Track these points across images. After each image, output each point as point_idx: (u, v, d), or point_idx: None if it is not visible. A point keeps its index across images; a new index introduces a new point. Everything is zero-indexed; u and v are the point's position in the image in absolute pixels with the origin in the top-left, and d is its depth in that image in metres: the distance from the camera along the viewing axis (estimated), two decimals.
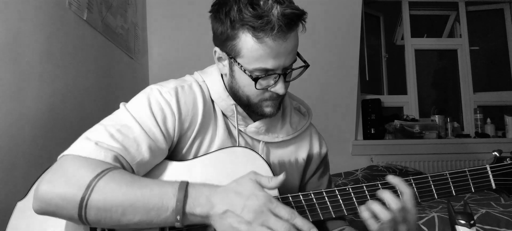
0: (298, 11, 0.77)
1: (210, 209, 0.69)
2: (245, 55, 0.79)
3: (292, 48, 0.80)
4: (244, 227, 0.67)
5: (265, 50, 0.77)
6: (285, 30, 0.75)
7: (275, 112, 0.88)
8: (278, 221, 0.67)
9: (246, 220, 0.67)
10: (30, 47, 1.18)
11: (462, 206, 1.24)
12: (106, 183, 0.68)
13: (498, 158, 0.84)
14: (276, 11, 0.74)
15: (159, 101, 0.83)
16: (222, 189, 0.72)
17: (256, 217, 0.67)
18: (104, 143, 0.74)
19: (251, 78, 0.80)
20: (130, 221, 0.69)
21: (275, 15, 0.74)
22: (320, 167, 1.04)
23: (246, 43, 0.78)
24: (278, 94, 0.84)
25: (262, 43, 0.76)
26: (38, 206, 0.69)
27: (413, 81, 3.08)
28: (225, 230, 0.69)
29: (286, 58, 0.80)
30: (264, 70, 0.80)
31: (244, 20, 0.76)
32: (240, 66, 0.81)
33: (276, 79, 0.82)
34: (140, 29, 2.31)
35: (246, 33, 0.77)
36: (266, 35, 0.75)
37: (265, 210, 0.68)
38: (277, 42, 0.76)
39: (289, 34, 0.78)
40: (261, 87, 0.82)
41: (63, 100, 1.37)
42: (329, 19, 2.51)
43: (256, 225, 0.67)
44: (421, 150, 2.78)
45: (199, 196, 0.70)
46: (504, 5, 3.16)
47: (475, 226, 0.79)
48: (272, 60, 0.78)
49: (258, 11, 0.75)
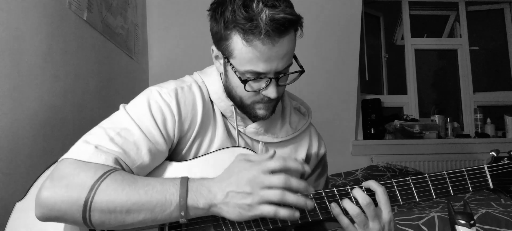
0: (291, 16, 0.75)
1: (213, 199, 0.71)
2: (236, 56, 0.79)
3: (285, 53, 0.79)
4: (248, 199, 0.69)
5: (254, 53, 0.77)
6: (272, 35, 0.74)
7: (268, 115, 0.88)
8: (272, 176, 0.70)
9: (246, 192, 0.69)
10: (30, 47, 1.18)
11: (462, 206, 1.25)
12: (109, 184, 0.69)
13: (495, 158, 0.84)
14: (264, 15, 0.73)
15: (159, 103, 0.83)
16: (217, 178, 0.73)
17: (253, 185, 0.70)
18: (104, 146, 0.74)
19: (241, 80, 0.80)
20: (134, 220, 0.69)
21: (263, 20, 0.73)
22: (318, 167, 1.04)
23: (237, 45, 0.78)
24: (269, 98, 0.83)
25: (251, 46, 0.76)
26: (41, 213, 0.69)
27: (413, 81, 3.08)
28: (233, 211, 0.70)
29: (279, 63, 0.79)
30: (255, 73, 0.79)
31: (236, 21, 0.76)
32: (232, 67, 0.81)
33: (267, 83, 0.81)
34: (140, 29, 2.31)
35: (237, 35, 0.77)
36: (255, 38, 0.75)
37: (258, 174, 0.70)
38: (266, 46, 0.76)
39: (280, 39, 0.76)
40: (252, 90, 0.82)
41: (63, 100, 1.37)
42: (329, 19, 2.51)
43: (257, 191, 0.69)
44: (421, 150, 2.78)
45: (200, 189, 0.71)
46: (504, 5, 3.16)
47: (475, 226, 0.79)
48: (262, 64, 0.78)
49: (249, 13, 0.74)
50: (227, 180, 0.72)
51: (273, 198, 0.70)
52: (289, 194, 0.70)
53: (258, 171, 0.71)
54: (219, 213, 0.72)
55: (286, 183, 0.70)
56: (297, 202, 0.71)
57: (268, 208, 0.70)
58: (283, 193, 0.70)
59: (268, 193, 0.70)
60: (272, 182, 0.70)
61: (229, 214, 0.71)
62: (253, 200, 0.69)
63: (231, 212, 0.71)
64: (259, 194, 0.69)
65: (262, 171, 0.71)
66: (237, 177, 0.71)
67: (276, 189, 0.70)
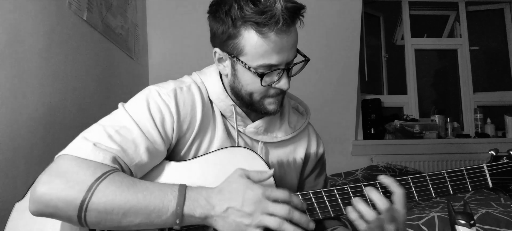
0: (297, 4, 0.78)
1: (210, 210, 0.71)
2: (248, 52, 0.79)
3: (294, 42, 0.81)
4: (247, 220, 0.71)
5: (269, 45, 0.78)
6: (289, 23, 0.77)
7: (278, 109, 0.88)
8: (276, 205, 0.72)
9: (247, 212, 0.70)
10: (30, 47, 1.18)
11: (462, 206, 1.25)
12: (107, 185, 0.68)
13: (494, 157, 0.84)
14: (279, 4, 0.75)
15: (158, 103, 0.83)
16: (217, 190, 0.74)
17: (256, 208, 0.71)
18: (102, 144, 0.74)
19: (257, 75, 0.81)
20: (130, 223, 0.70)
21: (279, 9, 0.75)
22: (316, 167, 1.04)
23: (250, 40, 0.78)
24: (281, 90, 0.84)
25: (266, 38, 0.77)
26: (35, 208, 0.68)
27: (413, 81, 3.08)
28: (228, 227, 0.71)
29: (289, 53, 0.81)
30: (268, 66, 0.80)
31: (246, 17, 0.76)
32: (243, 64, 0.81)
33: (280, 75, 0.82)
34: (140, 29, 2.31)
35: (249, 29, 0.78)
36: (270, 29, 0.76)
37: (263, 199, 0.72)
38: (280, 36, 0.77)
39: (292, 27, 0.79)
40: (266, 84, 0.83)
41: (63, 100, 1.37)
42: (329, 19, 2.52)
43: (257, 215, 0.71)
44: (421, 150, 2.78)
45: (198, 198, 0.72)
46: (504, 5, 3.16)
47: (475, 226, 0.79)
48: (276, 56, 0.79)
49: (260, 7, 0.76)
50: (229, 194, 0.72)
51: (271, 225, 0.71)
52: (287, 224, 0.71)
53: (264, 195, 0.72)
54: (213, 225, 0.73)
55: (289, 214, 0.72)
56: None
57: None
58: (282, 223, 0.71)
59: (268, 219, 0.71)
60: (275, 211, 0.71)
61: (224, 228, 0.72)
62: (252, 221, 0.71)
63: (226, 228, 0.72)
64: (258, 218, 0.71)
65: (268, 197, 0.72)
66: (243, 195, 0.71)
67: (276, 217, 0.71)
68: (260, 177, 0.76)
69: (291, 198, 0.74)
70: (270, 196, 0.72)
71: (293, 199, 0.74)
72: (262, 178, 0.76)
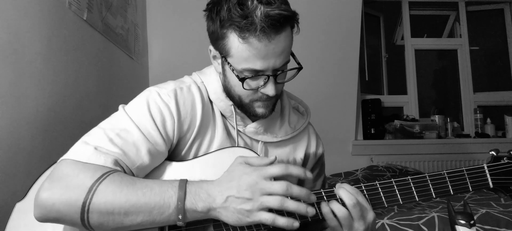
0: (286, 12, 0.75)
1: (212, 202, 0.71)
2: (234, 55, 0.79)
3: (282, 50, 0.78)
4: (247, 205, 0.69)
5: (251, 51, 0.76)
6: (268, 31, 0.74)
7: (267, 113, 0.87)
8: (273, 183, 0.70)
9: (246, 198, 0.69)
10: (30, 47, 1.18)
11: (462, 206, 1.25)
12: (107, 185, 0.68)
13: (495, 157, 0.84)
14: (259, 12, 0.73)
15: (158, 104, 0.83)
16: (216, 182, 0.73)
17: (254, 191, 0.70)
18: (103, 147, 0.74)
19: (238, 79, 0.80)
20: (133, 222, 0.69)
21: (258, 16, 0.73)
22: (316, 167, 1.04)
23: (234, 43, 0.78)
24: (268, 95, 0.83)
25: (247, 43, 0.76)
26: (39, 214, 0.69)
27: (413, 81, 3.08)
28: (231, 216, 0.70)
29: (276, 60, 0.78)
30: (253, 71, 0.79)
31: (232, 19, 0.75)
32: (229, 66, 0.81)
33: (265, 81, 0.81)
34: (140, 29, 2.31)
35: (233, 33, 0.77)
36: (250, 35, 0.75)
37: (259, 180, 0.70)
38: (262, 43, 0.75)
39: (276, 36, 0.76)
40: (250, 88, 0.82)
41: (63, 100, 1.37)
42: (329, 19, 2.51)
43: (257, 197, 0.70)
44: (421, 150, 2.78)
45: (199, 192, 0.71)
46: (504, 5, 3.16)
47: (475, 226, 0.79)
48: (260, 61, 0.77)
49: (244, 11, 0.74)
50: (227, 184, 0.72)
51: (273, 205, 0.69)
52: (289, 201, 0.70)
53: (259, 176, 0.71)
54: (217, 217, 0.72)
55: (287, 190, 0.70)
56: (298, 209, 0.71)
57: (267, 216, 0.69)
58: (283, 200, 0.70)
59: (268, 199, 0.69)
60: (273, 189, 0.70)
61: (228, 218, 0.71)
62: (253, 206, 0.69)
63: (229, 217, 0.71)
64: (259, 200, 0.69)
65: (263, 176, 0.71)
66: (238, 181, 0.71)
67: (276, 196, 0.70)
68: (260, 161, 0.74)
69: (289, 169, 0.72)
70: (266, 175, 0.71)
71: (291, 169, 0.73)
72: (263, 163, 0.74)
